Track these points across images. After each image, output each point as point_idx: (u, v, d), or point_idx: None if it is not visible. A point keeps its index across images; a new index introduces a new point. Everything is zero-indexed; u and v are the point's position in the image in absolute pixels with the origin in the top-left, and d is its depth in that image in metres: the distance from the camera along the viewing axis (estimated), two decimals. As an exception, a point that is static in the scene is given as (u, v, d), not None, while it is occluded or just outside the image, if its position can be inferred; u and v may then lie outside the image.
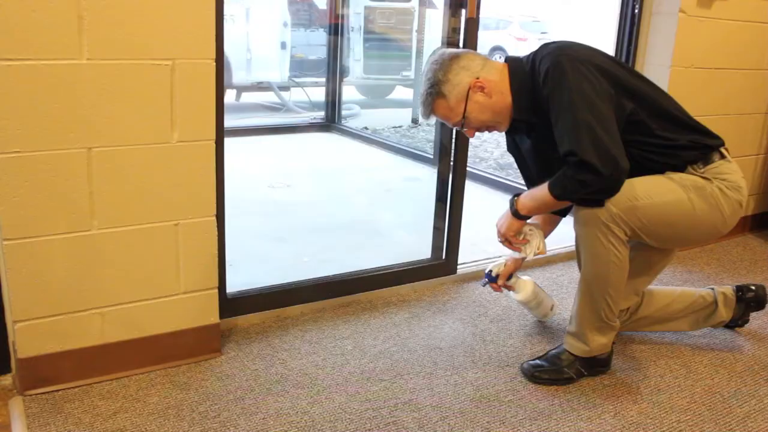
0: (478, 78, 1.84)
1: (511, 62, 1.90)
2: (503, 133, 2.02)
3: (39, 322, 1.69)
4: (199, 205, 1.83)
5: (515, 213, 1.91)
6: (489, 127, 1.92)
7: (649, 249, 1.95)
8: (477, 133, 1.97)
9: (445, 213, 2.60)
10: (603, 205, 1.75)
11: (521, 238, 1.97)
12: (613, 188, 1.73)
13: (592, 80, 1.73)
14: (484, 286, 2.23)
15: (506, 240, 1.98)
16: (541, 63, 1.79)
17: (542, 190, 1.81)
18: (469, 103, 1.85)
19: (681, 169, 1.83)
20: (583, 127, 1.68)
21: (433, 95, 1.87)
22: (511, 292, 2.23)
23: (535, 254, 1.97)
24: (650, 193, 1.78)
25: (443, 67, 1.86)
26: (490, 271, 2.20)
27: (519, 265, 2.19)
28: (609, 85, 1.75)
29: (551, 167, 1.83)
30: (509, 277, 2.19)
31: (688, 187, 1.80)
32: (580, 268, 1.89)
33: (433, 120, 1.97)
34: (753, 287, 2.16)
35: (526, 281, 2.22)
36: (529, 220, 1.96)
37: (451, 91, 1.85)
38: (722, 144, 1.88)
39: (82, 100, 1.59)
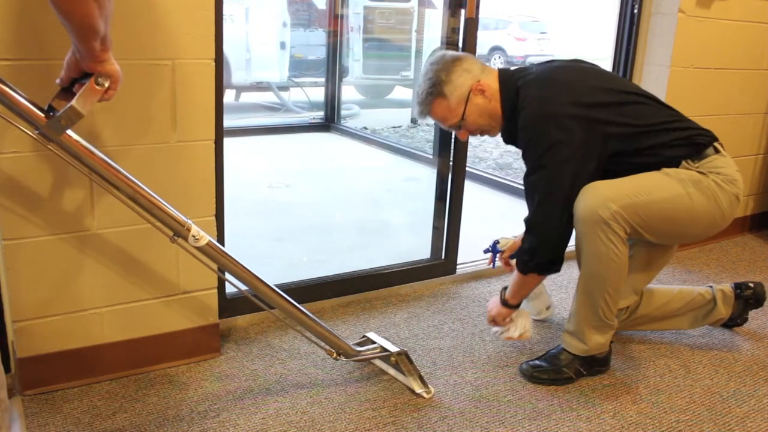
0: (479, 81, 1.87)
1: (502, 75, 1.92)
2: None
3: (38, 322, 1.69)
4: (199, 205, 1.83)
5: (503, 302, 2.00)
6: (483, 131, 1.96)
7: (648, 247, 1.95)
8: (474, 134, 1.99)
9: (444, 213, 2.60)
10: (549, 272, 1.90)
11: (507, 320, 2.03)
12: (547, 253, 1.85)
13: (564, 141, 1.76)
14: (485, 253, 2.24)
15: (494, 321, 2.05)
16: (524, 104, 1.82)
17: (516, 273, 1.94)
18: (469, 106, 1.87)
19: (675, 164, 1.84)
20: (542, 199, 1.79)
21: (434, 95, 1.88)
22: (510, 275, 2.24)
23: (520, 334, 2.01)
24: (649, 189, 1.78)
25: (446, 68, 1.87)
26: (497, 241, 2.21)
27: None
28: (586, 135, 1.77)
29: None
30: (513, 256, 2.22)
31: (686, 181, 1.81)
32: (579, 266, 1.90)
33: (428, 120, 1.98)
34: (751, 285, 2.17)
35: None
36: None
37: (453, 92, 1.87)
38: (714, 139, 1.89)
39: (82, 100, 1.59)
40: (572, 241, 1.88)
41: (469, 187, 2.97)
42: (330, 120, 6.18)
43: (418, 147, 5.46)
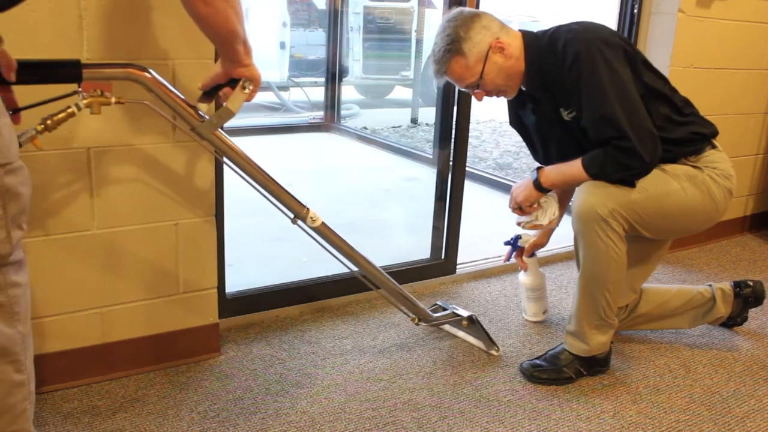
0: (498, 39, 1.82)
1: (526, 34, 1.88)
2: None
3: (39, 322, 1.69)
4: (199, 205, 1.83)
5: (537, 185, 1.92)
6: (500, 92, 1.90)
7: (642, 243, 1.96)
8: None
9: (444, 213, 2.60)
10: (634, 185, 1.78)
11: (535, 206, 1.98)
12: (648, 172, 1.78)
13: (621, 69, 1.74)
14: (505, 245, 2.26)
15: (519, 208, 1.99)
16: (567, 45, 1.77)
17: (574, 167, 1.83)
18: (488, 64, 1.82)
19: (674, 160, 1.85)
20: (628, 116, 1.71)
21: (452, 52, 1.81)
22: (520, 273, 2.27)
23: (550, 220, 1.97)
24: (645, 186, 1.79)
25: (465, 24, 1.81)
26: (519, 236, 2.23)
27: (542, 244, 2.24)
28: (631, 73, 1.77)
29: (551, 146, 1.92)
30: (529, 254, 2.24)
31: (681, 176, 1.82)
32: (578, 266, 1.90)
33: (443, 80, 1.90)
34: (751, 283, 2.17)
35: (540, 271, 2.25)
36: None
37: (472, 50, 1.81)
38: (716, 133, 1.90)
39: (82, 100, 1.59)
40: (569, 242, 1.89)
41: (469, 187, 2.97)
42: (330, 120, 6.17)
43: (418, 147, 5.46)
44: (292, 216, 1.72)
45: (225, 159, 1.59)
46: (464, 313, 2.09)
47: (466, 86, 1.88)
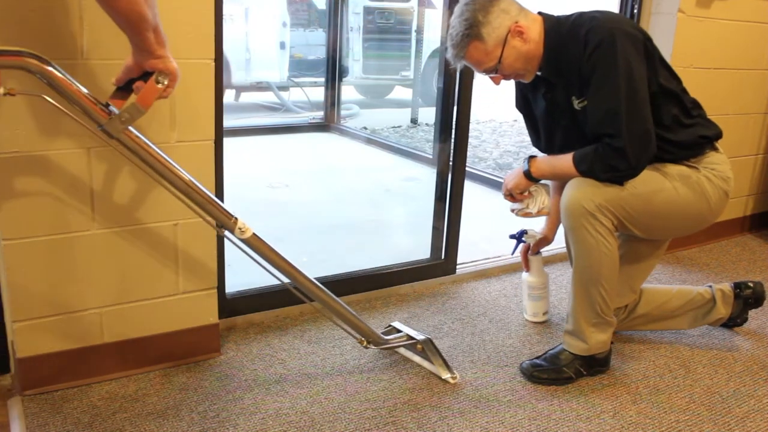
0: (517, 22, 1.80)
1: (547, 18, 1.86)
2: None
3: (38, 322, 1.69)
4: (199, 205, 1.82)
5: (527, 174, 1.95)
6: (518, 75, 1.89)
7: (639, 242, 1.96)
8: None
9: (444, 213, 2.60)
10: (623, 184, 1.79)
11: (525, 194, 2.01)
12: (634, 176, 1.78)
13: (637, 66, 1.73)
14: (510, 238, 2.27)
15: (510, 195, 2.02)
16: (590, 32, 1.75)
17: (564, 161, 1.84)
18: (507, 48, 1.80)
19: (674, 161, 1.85)
20: (629, 116, 1.72)
21: (470, 37, 1.79)
22: (524, 272, 2.28)
23: (539, 209, 2.00)
24: (634, 183, 1.79)
25: (483, 8, 1.78)
26: (525, 231, 2.24)
27: (548, 242, 2.25)
28: (648, 70, 1.77)
29: (555, 134, 1.92)
30: (535, 252, 2.26)
31: (673, 175, 1.82)
32: (571, 263, 1.90)
33: (461, 63, 1.88)
34: (751, 284, 2.17)
35: (544, 270, 2.26)
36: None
37: (490, 34, 1.78)
38: (720, 135, 1.90)
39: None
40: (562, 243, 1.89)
41: (469, 187, 2.97)
42: (330, 120, 6.18)
43: (418, 147, 5.46)
44: (217, 226, 1.60)
45: (140, 163, 1.47)
46: (419, 336, 1.94)
47: (483, 71, 1.86)
